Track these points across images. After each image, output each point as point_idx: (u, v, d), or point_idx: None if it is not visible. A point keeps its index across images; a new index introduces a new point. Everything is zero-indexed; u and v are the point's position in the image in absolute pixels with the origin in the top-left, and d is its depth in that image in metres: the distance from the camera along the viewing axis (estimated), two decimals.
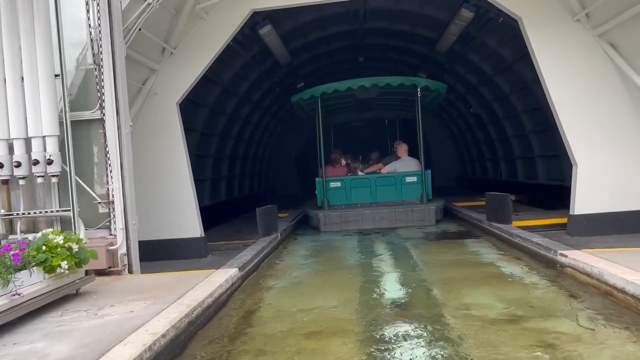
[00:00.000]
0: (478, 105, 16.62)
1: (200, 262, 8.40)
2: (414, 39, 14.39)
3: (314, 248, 9.42)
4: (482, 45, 12.55)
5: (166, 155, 8.82)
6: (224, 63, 11.83)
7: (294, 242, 10.36)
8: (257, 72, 14.07)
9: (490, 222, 9.42)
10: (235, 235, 11.52)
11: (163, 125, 8.85)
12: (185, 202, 8.81)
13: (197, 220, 8.82)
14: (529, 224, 9.37)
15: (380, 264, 7.45)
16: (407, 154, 13.61)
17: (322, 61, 16.76)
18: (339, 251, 8.89)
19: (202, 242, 8.83)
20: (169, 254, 8.78)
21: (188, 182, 8.81)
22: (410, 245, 8.87)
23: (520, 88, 12.66)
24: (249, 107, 15.61)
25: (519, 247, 7.76)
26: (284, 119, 21.68)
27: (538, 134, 13.11)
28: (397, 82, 11.65)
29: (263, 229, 9.45)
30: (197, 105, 11.84)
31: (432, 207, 11.74)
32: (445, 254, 7.93)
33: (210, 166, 13.96)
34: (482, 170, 19.37)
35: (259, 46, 12.42)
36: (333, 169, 13.74)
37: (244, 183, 18.30)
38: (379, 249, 8.76)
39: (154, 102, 8.84)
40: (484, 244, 8.67)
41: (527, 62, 11.56)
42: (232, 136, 15.40)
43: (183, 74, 8.89)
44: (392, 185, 12.63)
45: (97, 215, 6.82)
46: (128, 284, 6.10)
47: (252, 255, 7.64)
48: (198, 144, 12.59)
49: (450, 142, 23.01)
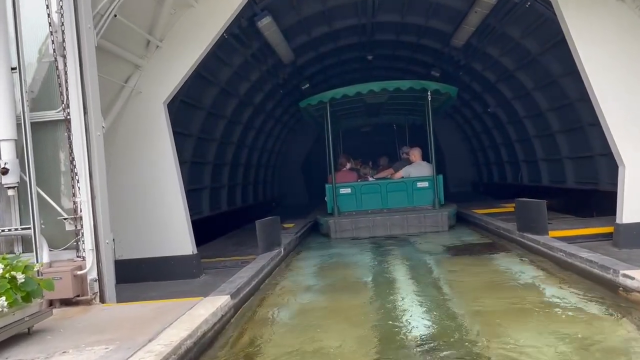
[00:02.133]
0: (496, 104, 15.49)
1: (191, 283, 7.34)
2: (427, 33, 13.30)
3: (322, 265, 8.30)
4: (503, 37, 11.44)
5: (153, 161, 7.76)
6: (220, 61, 10.83)
7: (299, 257, 9.24)
8: (258, 71, 13.03)
9: (522, 233, 8.26)
10: (235, 249, 10.46)
11: (149, 127, 7.80)
12: (174, 215, 7.74)
13: (188, 236, 7.74)
14: (567, 234, 8.21)
15: (399, 286, 6.30)
16: (421, 158, 12.97)
17: (329, 60, 15.70)
18: (350, 269, 7.76)
19: (195, 260, 7.75)
20: (157, 274, 7.72)
21: (178, 192, 7.74)
22: (432, 262, 7.74)
23: (547, 83, 11.53)
24: (251, 109, 14.56)
25: (563, 263, 6.59)
26: (289, 124, 20.63)
27: (566, 134, 11.96)
28: (406, 86, 11.24)
29: (264, 244, 8.36)
30: (192, 107, 10.81)
31: (445, 213, 11.29)
32: (474, 273, 6.76)
33: (209, 174, 12.92)
34: (500, 174, 18.19)
35: (259, 42, 11.39)
36: (343, 175, 13.07)
37: (247, 192, 17.24)
38: (396, 266, 7.64)
39: (139, 102, 7.79)
40: (517, 260, 7.50)
41: (556, 53, 10.49)
42: (232, 141, 14.36)
43: (171, 70, 7.83)
44: (404, 191, 12.16)
45: (65, 233, 5.75)
46: (96, 318, 5.02)
47: (250, 276, 6.54)
48: (194, 150, 11.56)
49: (465, 145, 21.85)
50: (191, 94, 10.35)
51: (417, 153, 13.11)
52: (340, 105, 12.72)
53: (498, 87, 14.16)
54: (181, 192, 7.79)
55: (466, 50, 13.27)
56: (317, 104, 11.85)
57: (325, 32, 12.98)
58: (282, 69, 13.93)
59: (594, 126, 10.47)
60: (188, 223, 7.80)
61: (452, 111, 20.14)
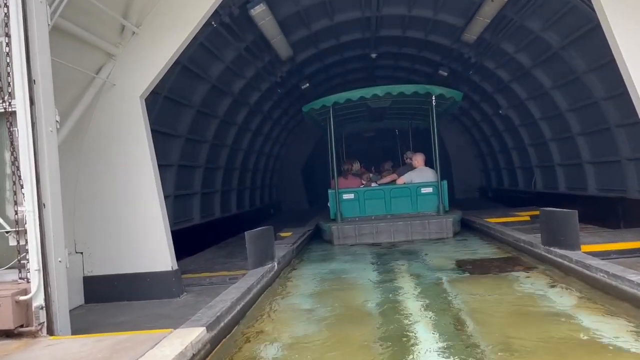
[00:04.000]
0: (508, 105, 14.50)
1: (169, 304, 6.36)
2: (436, 27, 12.33)
3: (320, 283, 7.27)
4: (520, 30, 10.46)
5: (128, 164, 6.79)
6: (210, 54, 9.86)
7: (295, 274, 8.20)
8: (254, 68, 12.07)
9: (549, 247, 7.24)
10: (225, 262, 9.47)
11: (123, 125, 6.83)
12: (151, 226, 6.75)
13: (167, 249, 6.75)
14: (598, 249, 7.20)
15: (410, 315, 5.26)
16: (424, 164, 12.52)
17: (330, 58, 14.72)
18: (353, 289, 6.73)
19: (174, 278, 6.76)
20: (131, 292, 6.77)
21: (156, 199, 6.76)
22: (446, 282, 6.71)
23: (568, 82, 10.54)
24: (246, 110, 13.60)
25: (605, 287, 5.52)
26: (288, 127, 19.66)
27: (588, 136, 10.96)
28: (410, 91, 10.92)
29: (254, 258, 7.35)
30: (179, 104, 9.84)
31: (450, 219, 10.92)
32: (498, 299, 5.72)
33: (200, 178, 11.94)
34: (511, 180, 17.18)
35: (254, 35, 10.43)
36: (346, 180, 12.52)
37: (243, 197, 16.25)
38: (405, 287, 6.59)
39: (112, 96, 6.82)
40: (546, 280, 6.46)
41: (580, 47, 9.51)
42: (226, 144, 13.39)
43: (149, 60, 6.86)
44: (407, 197, 11.79)
45: (8, 249, 4.78)
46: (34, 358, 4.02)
47: (234, 300, 5.52)
48: (183, 152, 10.58)
49: (473, 149, 20.87)
50: (177, 89, 9.39)
51: (420, 158, 12.64)
52: (344, 109, 12.49)
53: (512, 86, 13.18)
54: (160, 199, 6.81)
55: (478, 46, 12.31)
56: (320, 108, 11.51)
57: (327, 26, 12.02)
58: (279, 66, 12.97)
59: (622, 127, 9.52)
60: (167, 234, 6.81)
61: (459, 113, 19.19)
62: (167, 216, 6.94)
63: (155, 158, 6.94)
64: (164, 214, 6.85)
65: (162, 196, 6.93)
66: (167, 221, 6.90)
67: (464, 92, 16.17)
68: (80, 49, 6.21)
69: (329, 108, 11.42)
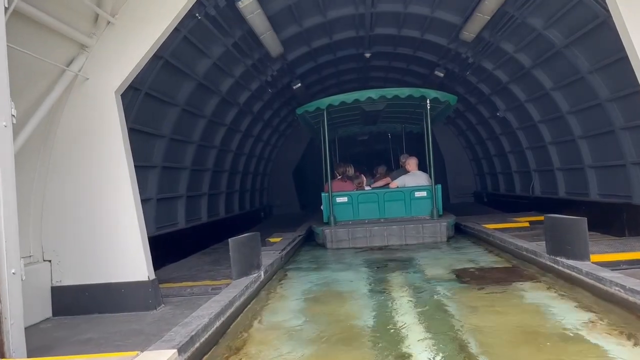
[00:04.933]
0: (506, 107, 14.07)
1: (144, 318, 5.82)
2: (433, 25, 11.88)
3: (309, 295, 6.71)
4: (521, 27, 10.02)
5: (101, 164, 6.25)
6: (195, 49, 9.34)
7: (282, 284, 7.65)
8: (243, 65, 11.55)
9: (555, 257, 6.76)
10: (210, 269, 8.95)
11: (97, 122, 6.29)
12: (126, 232, 6.21)
13: (143, 257, 6.21)
14: (608, 259, 6.74)
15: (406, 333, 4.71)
16: (417, 168, 12.34)
17: (323, 57, 14.24)
18: (345, 303, 6.18)
19: (151, 288, 6.22)
20: (104, 304, 6.23)
21: (131, 203, 6.22)
22: (443, 294, 6.19)
23: (570, 82, 10.09)
24: (235, 110, 13.07)
25: (621, 302, 5.03)
26: (280, 129, 19.15)
27: (591, 140, 10.52)
28: (405, 94, 10.75)
29: (239, 267, 6.80)
30: (162, 102, 9.30)
31: (444, 224, 10.85)
32: (502, 314, 5.21)
33: (186, 181, 11.39)
34: (508, 184, 16.75)
35: (242, 30, 9.92)
36: (339, 183, 12.30)
37: (232, 201, 15.71)
38: (401, 300, 6.05)
39: (85, 91, 6.28)
40: (554, 294, 5.94)
41: (585, 45, 9.07)
42: (214, 145, 12.86)
43: (126, 52, 6.33)
44: (401, 201, 11.64)
45: None
46: None
47: (213, 315, 4.99)
48: (167, 153, 10.04)
49: (468, 153, 20.45)
50: (160, 86, 8.86)
51: (414, 162, 12.40)
52: (338, 112, 12.38)
53: (510, 88, 12.75)
54: (136, 202, 6.27)
55: (476, 45, 11.88)
56: (314, 110, 11.28)
57: (319, 23, 11.54)
58: (270, 64, 12.47)
59: (627, 130, 9.09)
60: (144, 241, 6.27)
61: (455, 116, 18.78)
62: (144, 221, 6.41)
63: (131, 158, 6.41)
64: (140, 218, 6.31)
65: (139, 199, 6.39)
66: (143, 227, 6.37)
67: (460, 94, 15.83)
68: (48, 39, 5.67)
69: (323, 111, 11.29)
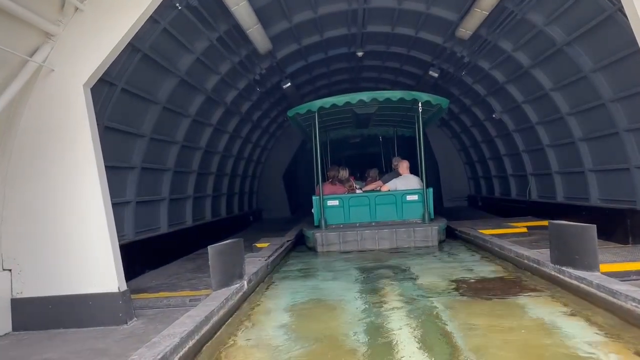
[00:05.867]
0: (502, 109, 13.65)
1: (112, 334, 5.28)
2: (428, 23, 11.43)
3: (296, 308, 6.15)
4: (521, 24, 9.58)
5: (67, 165, 5.71)
6: (177, 43, 8.81)
7: (267, 294, 7.10)
8: (229, 62, 11.02)
9: (560, 267, 6.28)
10: (192, 277, 8.41)
11: (63, 118, 5.74)
12: (95, 238, 5.66)
13: (113, 267, 5.66)
14: (616, 269, 6.29)
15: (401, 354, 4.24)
16: (409, 171, 12.10)
17: (314, 56, 13.74)
18: (334, 317, 5.63)
19: (122, 300, 5.67)
20: (70, 318, 5.70)
21: (100, 206, 5.67)
22: (441, 309, 5.64)
23: (572, 82, 9.66)
24: (221, 109, 12.53)
25: (638, 320, 4.61)
26: (270, 130, 18.61)
27: (592, 142, 10.10)
28: (397, 97, 10.61)
29: (219, 277, 6.26)
30: (141, 99, 8.74)
31: (435, 227, 10.74)
32: (504, 332, 4.67)
33: (169, 183, 10.82)
34: (503, 188, 16.33)
35: (228, 23, 9.39)
36: (331, 187, 12.03)
37: (219, 204, 15.15)
38: (393, 313, 5.54)
39: (50, 83, 5.74)
40: (559, 307, 5.44)
41: (587, 42, 8.66)
42: (199, 146, 12.32)
43: (95, 42, 5.78)
44: (393, 204, 11.44)
45: None
46: None
47: (184, 336, 4.43)
48: (146, 154, 9.47)
49: (462, 156, 20.02)
50: (138, 81, 8.30)
51: (405, 165, 12.16)
52: (329, 115, 12.21)
53: (507, 88, 12.32)
54: (106, 206, 5.72)
55: (472, 43, 11.45)
56: (306, 113, 11.06)
57: (310, 18, 11.04)
58: (258, 61, 11.95)
59: (632, 132, 8.67)
60: (114, 249, 5.72)
61: (448, 118, 18.39)
62: (114, 226, 5.86)
63: (101, 158, 5.86)
64: (110, 223, 5.76)
65: (110, 203, 5.84)
66: (114, 232, 5.82)
67: (455, 95, 15.43)
68: (9, 26, 5.12)
69: (314, 113, 11.08)
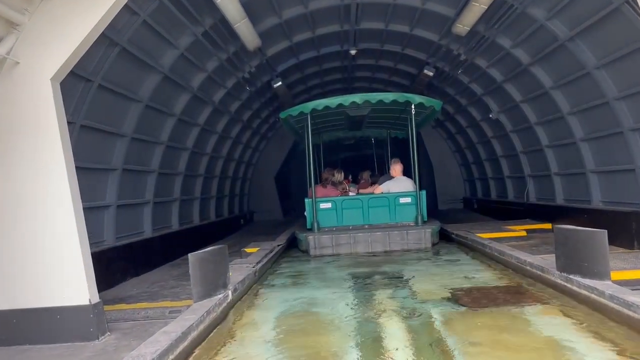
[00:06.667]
0: (500, 109, 13.26)
1: (81, 352, 4.82)
2: (423, 18, 11.03)
3: (286, 321, 5.66)
4: (521, 18, 9.19)
5: (33, 165, 5.22)
6: (159, 37, 8.34)
7: (254, 304, 6.58)
8: (216, 59, 10.57)
9: (568, 275, 5.86)
10: (176, 285, 7.96)
11: (29, 114, 5.25)
12: (63, 246, 5.18)
13: (84, 277, 5.18)
14: (627, 277, 5.87)
15: None
16: (402, 174, 11.87)
17: (305, 54, 13.30)
18: (325, 331, 5.13)
19: (93, 314, 5.18)
20: (36, 333, 5.22)
21: (70, 211, 5.19)
22: (440, 321, 5.19)
23: (574, 79, 9.27)
24: (209, 109, 12.07)
25: None
26: (260, 131, 18.15)
27: (594, 142, 9.71)
28: (390, 99, 10.49)
29: (200, 288, 5.78)
30: (120, 97, 8.26)
31: (429, 230, 10.66)
32: (510, 349, 4.17)
33: (153, 185, 10.35)
34: (500, 190, 15.93)
35: (214, 17, 8.94)
36: (324, 189, 11.83)
37: (207, 207, 14.68)
38: (388, 327, 5.07)
39: (14, 77, 5.25)
40: (569, 319, 5.00)
41: (591, 38, 8.27)
42: (186, 147, 11.84)
43: (64, 32, 5.30)
44: (386, 207, 11.26)
45: None
46: None
47: (157, 356, 3.97)
48: (128, 154, 9.00)
49: (458, 157, 19.63)
50: (117, 78, 7.82)
51: (398, 168, 11.89)
52: (322, 117, 12.07)
53: (505, 87, 11.93)
54: (76, 211, 5.23)
55: (469, 40, 11.05)
56: (298, 115, 10.92)
57: (300, 14, 10.61)
58: (247, 59, 11.50)
59: (638, 132, 8.28)
60: (85, 257, 5.23)
61: (444, 119, 17.99)
62: (86, 233, 5.38)
63: (72, 158, 5.37)
64: (82, 230, 5.28)
65: (81, 207, 5.35)
66: (86, 239, 5.33)
67: (450, 95, 15.05)
68: None
69: (307, 115, 10.94)
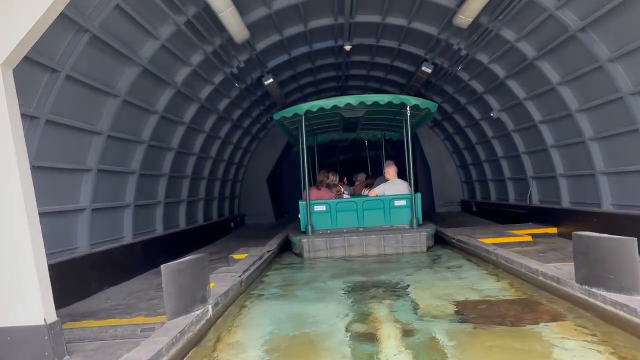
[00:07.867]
0: (501, 107, 12.65)
1: None
2: (422, 10, 10.42)
3: (272, 341, 4.96)
4: (528, 8, 8.57)
5: None
6: (136, 25, 7.65)
7: (238, 320, 5.91)
8: (201, 52, 9.88)
9: (590, 289, 5.22)
10: (155, 296, 7.25)
11: None
12: (15, 258, 4.48)
13: (38, 293, 4.48)
14: None
15: None
16: (396, 176, 11.55)
17: (298, 49, 12.67)
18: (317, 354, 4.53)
19: (49, 335, 4.48)
20: None
21: (22, 217, 4.49)
22: (445, 341, 4.57)
23: (584, 74, 8.66)
24: (196, 106, 11.39)
25: None
26: (251, 131, 17.47)
27: (605, 142, 9.10)
28: (385, 100, 10.35)
29: (175, 304, 5.09)
30: (94, 90, 7.55)
31: (424, 233, 10.47)
32: None
33: (133, 187, 9.65)
34: (501, 192, 15.31)
35: (197, 6, 8.26)
36: (318, 191, 11.57)
37: (195, 210, 13.97)
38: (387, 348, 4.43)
39: None
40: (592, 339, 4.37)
41: (605, 28, 7.64)
42: (171, 147, 11.15)
43: (16, 13, 4.64)
44: (380, 209, 11.02)
45: None
46: None
47: None
48: (105, 154, 8.30)
49: (456, 158, 19.01)
50: (90, 69, 7.12)
51: (392, 170, 11.57)
52: (316, 118, 11.91)
53: (508, 83, 11.32)
54: (29, 217, 4.53)
55: (471, 34, 10.43)
56: (292, 116, 10.66)
57: (292, 4, 9.99)
58: (235, 53, 10.83)
59: None
60: (40, 271, 4.53)
61: (441, 119, 17.38)
62: (42, 242, 4.67)
63: (25, 154, 4.67)
64: (36, 238, 4.58)
65: (36, 212, 4.65)
66: (41, 250, 4.63)
67: (449, 93, 14.45)
68: None
69: (301, 117, 10.66)
